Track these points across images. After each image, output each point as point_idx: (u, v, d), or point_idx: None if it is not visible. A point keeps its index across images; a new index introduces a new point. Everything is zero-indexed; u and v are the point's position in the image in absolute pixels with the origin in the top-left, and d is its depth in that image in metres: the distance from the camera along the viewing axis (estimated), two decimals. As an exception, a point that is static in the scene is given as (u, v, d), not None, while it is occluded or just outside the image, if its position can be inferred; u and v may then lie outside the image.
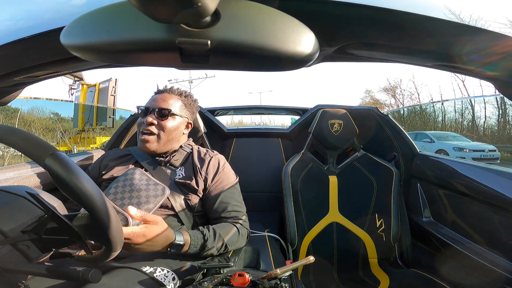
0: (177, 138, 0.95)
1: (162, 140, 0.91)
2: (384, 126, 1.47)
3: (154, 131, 0.90)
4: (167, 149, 0.94)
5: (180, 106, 0.96)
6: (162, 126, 0.90)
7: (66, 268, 0.48)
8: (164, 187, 0.84)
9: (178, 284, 0.72)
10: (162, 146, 0.92)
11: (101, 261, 0.51)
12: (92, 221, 0.47)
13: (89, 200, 0.42)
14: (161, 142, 0.91)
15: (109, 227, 0.45)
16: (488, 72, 0.39)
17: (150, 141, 0.89)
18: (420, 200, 1.33)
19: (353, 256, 1.25)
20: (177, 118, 0.94)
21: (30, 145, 0.41)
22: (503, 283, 0.83)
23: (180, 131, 0.96)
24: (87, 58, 0.29)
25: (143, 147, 0.91)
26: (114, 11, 0.28)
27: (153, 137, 0.90)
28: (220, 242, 0.81)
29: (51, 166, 0.39)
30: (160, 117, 0.90)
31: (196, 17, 0.24)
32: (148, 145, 0.89)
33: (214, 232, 0.81)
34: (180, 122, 0.95)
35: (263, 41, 0.27)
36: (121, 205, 0.79)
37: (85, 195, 0.41)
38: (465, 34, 0.32)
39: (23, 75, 0.50)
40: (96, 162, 1.00)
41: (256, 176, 1.56)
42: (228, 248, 0.84)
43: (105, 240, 0.48)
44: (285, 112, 2.07)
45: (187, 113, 0.98)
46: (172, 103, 0.93)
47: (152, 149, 0.90)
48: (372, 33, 0.36)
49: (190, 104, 1.00)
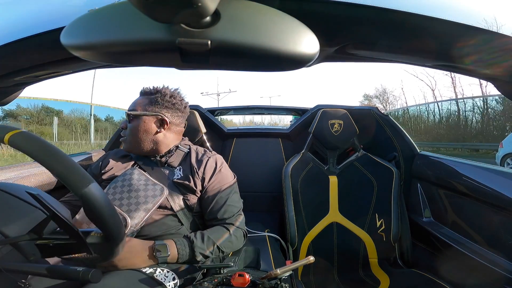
0: (150, 138, 0.91)
1: (131, 142, 0.92)
2: (384, 126, 1.47)
3: (123, 134, 0.95)
4: (146, 149, 0.92)
5: (146, 104, 0.92)
6: (128, 129, 0.93)
7: (67, 268, 0.48)
8: (162, 187, 0.83)
9: (178, 284, 0.72)
10: (134, 147, 0.93)
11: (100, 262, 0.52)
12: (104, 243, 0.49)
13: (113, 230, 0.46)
14: (130, 144, 0.93)
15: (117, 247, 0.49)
16: (488, 72, 0.39)
17: (123, 142, 0.95)
18: (420, 200, 1.32)
19: (353, 256, 1.25)
20: (142, 117, 0.91)
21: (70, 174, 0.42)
22: (503, 283, 0.83)
23: (152, 130, 0.91)
24: (87, 58, 0.29)
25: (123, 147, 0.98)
26: (114, 11, 0.28)
27: (124, 138, 0.94)
28: (210, 244, 0.81)
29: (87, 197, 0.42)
30: (128, 120, 0.93)
31: (196, 17, 0.24)
32: (123, 146, 0.96)
33: (202, 236, 0.81)
34: (147, 121, 0.91)
35: (263, 41, 0.27)
36: (120, 205, 0.79)
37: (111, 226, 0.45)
38: (465, 34, 0.32)
39: (23, 75, 0.50)
40: (98, 160, 1.01)
41: (256, 176, 1.56)
42: (224, 251, 0.84)
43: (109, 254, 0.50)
44: (285, 112, 2.07)
45: (156, 110, 0.92)
46: (137, 104, 0.93)
47: (125, 149, 0.97)
48: (372, 33, 0.36)
49: (158, 100, 0.92)
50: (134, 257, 0.71)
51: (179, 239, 0.79)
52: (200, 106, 1.58)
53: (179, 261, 0.76)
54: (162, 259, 0.73)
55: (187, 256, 0.77)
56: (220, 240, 0.83)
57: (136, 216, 0.77)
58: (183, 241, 0.78)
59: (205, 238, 0.80)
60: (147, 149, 0.92)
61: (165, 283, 0.69)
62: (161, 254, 0.73)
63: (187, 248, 0.77)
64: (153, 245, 0.74)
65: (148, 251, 0.73)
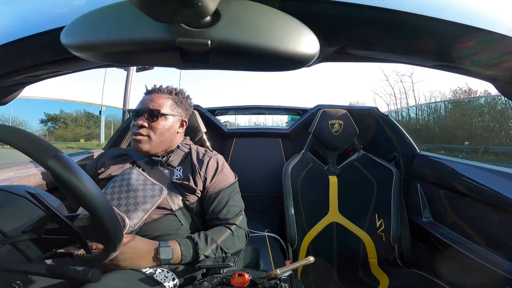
0: (171, 138, 0.93)
1: (154, 141, 0.89)
2: (384, 126, 1.47)
3: (144, 133, 0.88)
4: (162, 149, 0.92)
5: (171, 105, 0.93)
6: (153, 128, 0.89)
7: (66, 268, 0.48)
8: (161, 187, 0.83)
9: (177, 284, 0.72)
10: (155, 147, 0.90)
11: (100, 261, 0.51)
12: (93, 223, 0.47)
13: (91, 201, 0.42)
14: (153, 143, 0.89)
15: (110, 228, 0.45)
16: (488, 72, 0.39)
17: (141, 141, 0.88)
18: (420, 200, 1.33)
19: (353, 256, 1.25)
20: (169, 117, 0.92)
21: (33, 147, 0.41)
22: (502, 283, 0.83)
23: (174, 131, 0.94)
24: (87, 58, 0.29)
25: (135, 148, 0.89)
26: (114, 11, 0.28)
27: (144, 138, 0.88)
28: (213, 246, 0.80)
29: (54, 167, 0.39)
30: (151, 118, 0.89)
31: (196, 17, 0.24)
32: (141, 146, 0.88)
33: (205, 236, 0.80)
34: (173, 122, 0.93)
35: (263, 41, 0.27)
36: (118, 205, 0.78)
37: (87, 196, 0.41)
38: (465, 34, 0.32)
39: (23, 74, 0.50)
40: (94, 161, 0.99)
41: (256, 176, 1.56)
42: (226, 251, 0.83)
43: (105, 241, 0.48)
44: (285, 112, 2.07)
45: (180, 111, 0.96)
46: (162, 103, 0.91)
47: (145, 149, 0.89)
48: (372, 33, 0.36)
49: (182, 101, 0.97)
50: (138, 258, 0.71)
51: (182, 240, 0.78)
52: (200, 106, 1.58)
53: (182, 263, 0.76)
54: (165, 261, 0.73)
55: (190, 257, 0.76)
56: (223, 240, 0.82)
57: (134, 217, 0.77)
58: (187, 243, 0.77)
59: (209, 239, 0.80)
60: (164, 149, 0.93)
61: (165, 283, 0.69)
62: (165, 256, 0.73)
63: (191, 249, 0.77)
64: (158, 247, 0.73)
65: (153, 253, 0.73)
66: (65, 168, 0.40)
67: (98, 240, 0.51)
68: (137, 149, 0.89)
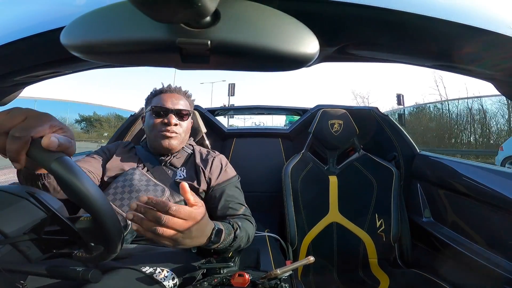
0: (188, 137, 1.00)
1: (183, 139, 0.95)
2: (384, 126, 1.47)
3: (177, 131, 0.92)
4: (181, 147, 0.97)
5: (189, 105, 0.99)
6: (182, 126, 0.94)
7: (66, 268, 0.48)
8: (164, 188, 0.83)
9: (177, 284, 0.72)
10: (181, 145, 0.96)
11: (100, 261, 0.51)
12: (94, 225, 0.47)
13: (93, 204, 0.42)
14: (181, 141, 0.94)
15: (111, 230, 0.45)
16: (488, 72, 0.39)
17: (175, 139, 0.92)
18: (420, 200, 1.33)
19: (353, 256, 1.25)
20: (189, 117, 0.98)
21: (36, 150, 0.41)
22: (503, 283, 0.83)
23: (190, 130, 1.01)
24: (87, 58, 0.29)
25: (167, 145, 0.91)
26: (114, 11, 0.28)
27: (177, 135, 0.92)
28: (245, 236, 0.77)
29: (57, 170, 0.39)
30: (181, 117, 0.94)
31: (196, 17, 0.24)
32: (174, 143, 0.91)
33: (238, 225, 0.75)
34: (190, 122, 1.00)
35: (263, 41, 0.27)
36: (120, 205, 0.79)
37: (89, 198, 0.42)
38: (465, 34, 0.32)
39: (23, 75, 0.50)
40: (113, 145, 1.01)
41: (256, 176, 1.56)
42: (248, 243, 0.81)
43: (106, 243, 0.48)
44: (285, 112, 2.07)
45: (191, 112, 1.02)
46: (185, 104, 0.97)
47: (175, 146, 0.93)
48: (372, 33, 0.36)
49: (192, 102, 1.03)
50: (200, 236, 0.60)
51: (224, 224, 0.70)
52: (200, 106, 1.58)
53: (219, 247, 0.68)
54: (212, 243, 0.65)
55: (228, 243, 0.70)
56: (249, 229, 0.81)
57: None
58: (229, 228, 0.71)
59: (242, 228, 0.76)
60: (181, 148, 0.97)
61: (165, 283, 0.69)
62: (215, 239, 0.65)
63: (232, 235, 0.71)
64: (213, 229, 0.65)
65: (210, 232, 0.64)
66: (67, 170, 0.40)
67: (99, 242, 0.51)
68: (168, 146, 0.91)
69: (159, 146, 0.92)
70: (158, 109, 0.93)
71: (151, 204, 0.52)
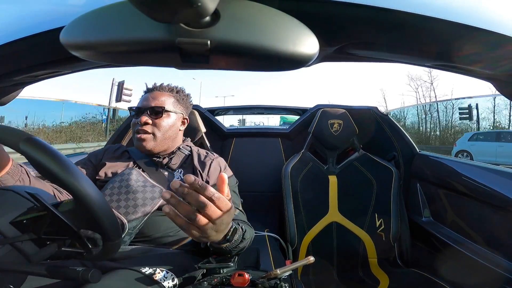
0: (174, 136, 0.93)
1: (158, 138, 0.88)
2: (384, 126, 1.47)
3: (149, 130, 0.87)
4: (165, 147, 0.91)
5: (173, 102, 0.93)
6: (157, 125, 0.88)
7: (66, 268, 0.47)
8: (161, 189, 0.82)
9: (177, 284, 0.72)
10: (159, 144, 0.89)
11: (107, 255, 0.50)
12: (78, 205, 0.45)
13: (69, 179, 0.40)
14: (157, 141, 0.88)
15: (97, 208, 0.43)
16: (488, 72, 0.39)
17: (146, 139, 0.86)
18: (420, 200, 1.33)
19: (352, 256, 1.25)
20: (172, 114, 0.91)
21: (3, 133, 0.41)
22: (502, 283, 0.83)
23: (177, 128, 0.94)
24: (87, 58, 0.29)
25: (139, 147, 0.88)
26: (114, 11, 0.28)
27: (149, 135, 0.87)
28: (249, 240, 0.75)
29: (27, 150, 0.39)
30: (154, 115, 0.88)
31: (196, 17, 0.24)
32: (145, 144, 0.86)
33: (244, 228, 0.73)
34: (176, 119, 0.93)
35: (262, 41, 0.27)
36: (117, 207, 0.78)
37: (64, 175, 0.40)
38: (465, 34, 0.32)
39: (23, 75, 0.50)
40: (100, 150, 0.97)
41: (256, 176, 1.56)
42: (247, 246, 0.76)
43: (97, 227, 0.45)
44: (285, 112, 2.07)
45: (181, 109, 0.96)
46: (164, 100, 0.91)
47: (149, 148, 0.87)
48: (372, 33, 0.36)
49: (183, 99, 0.97)
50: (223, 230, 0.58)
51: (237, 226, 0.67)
52: (199, 106, 1.58)
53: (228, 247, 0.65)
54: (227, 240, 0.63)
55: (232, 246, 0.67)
56: (250, 232, 0.77)
57: (134, 220, 0.77)
58: (239, 229, 0.67)
59: (247, 230, 0.73)
60: (166, 147, 0.92)
61: (164, 283, 0.69)
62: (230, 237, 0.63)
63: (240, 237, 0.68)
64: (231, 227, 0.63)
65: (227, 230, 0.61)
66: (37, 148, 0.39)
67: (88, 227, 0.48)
68: (140, 147, 0.88)
69: (137, 148, 0.89)
70: (134, 108, 0.90)
71: (193, 186, 0.47)
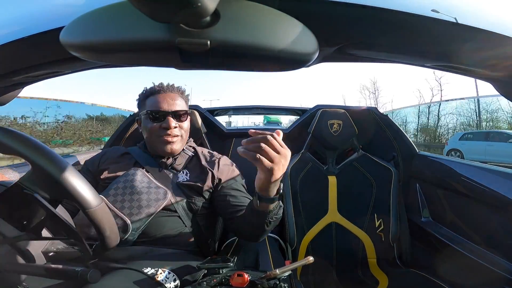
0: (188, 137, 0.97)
1: (184, 140, 0.92)
2: (383, 126, 1.47)
3: (178, 133, 0.89)
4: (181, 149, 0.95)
5: (185, 105, 0.96)
6: (182, 128, 0.91)
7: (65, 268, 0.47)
8: (166, 191, 0.82)
9: (178, 285, 0.72)
10: (181, 147, 0.93)
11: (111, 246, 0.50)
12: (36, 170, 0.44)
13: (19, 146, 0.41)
14: (183, 142, 0.92)
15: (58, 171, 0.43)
16: (488, 73, 0.39)
17: (175, 142, 0.89)
18: (419, 200, 1.33)
19: (352, 256, 1.25)
20: (188, 117, 0.95)
21: None
22: (502, 283, 0.83)
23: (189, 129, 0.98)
24: (87, 58, 0.29)
25: (168, 150, 0.88)
26: (114, 11, 0.28)
27: (178, 138, 0.89)
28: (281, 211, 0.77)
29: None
30: (178, 118, 0.90)
31: (196, 17, 0.24)
32: (174, 146, 0.89)
33: None
34: (189, 121, 0.97)
35: (262, 41, 0.27)
36: (121, 208, 0.78)
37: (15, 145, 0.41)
38: (465, 34, 0.32)
39: (23, 75, 0.50)
40: (96, 156, 0.96)
41: (255, 176, 1.56)
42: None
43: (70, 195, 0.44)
44: (284, 112, 2.07)
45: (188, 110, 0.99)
46: (182, 103, 0.93)
47: (177, 149, 0.90)
48: (372, 33, 0.36)
49: (187, 100, 1.00)
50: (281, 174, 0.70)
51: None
52: (199, 106, 1.57)
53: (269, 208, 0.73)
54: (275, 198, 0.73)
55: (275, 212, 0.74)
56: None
57: (137, 221, 0.77)
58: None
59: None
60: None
61: (166, 284, 0.68)
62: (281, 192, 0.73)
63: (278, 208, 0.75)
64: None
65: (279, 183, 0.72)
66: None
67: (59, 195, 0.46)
68: (170, 151, 0.89)
69: (160, 151, 0.89)
70: (154, 112, 0.88)
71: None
